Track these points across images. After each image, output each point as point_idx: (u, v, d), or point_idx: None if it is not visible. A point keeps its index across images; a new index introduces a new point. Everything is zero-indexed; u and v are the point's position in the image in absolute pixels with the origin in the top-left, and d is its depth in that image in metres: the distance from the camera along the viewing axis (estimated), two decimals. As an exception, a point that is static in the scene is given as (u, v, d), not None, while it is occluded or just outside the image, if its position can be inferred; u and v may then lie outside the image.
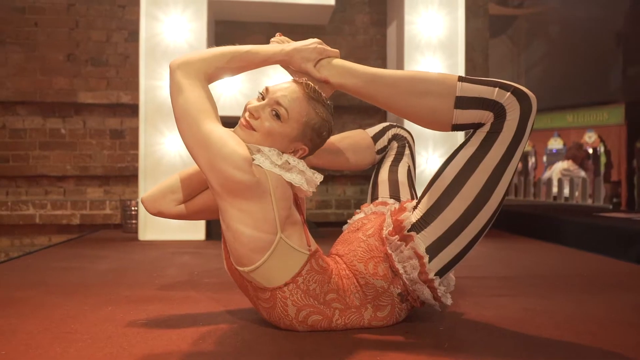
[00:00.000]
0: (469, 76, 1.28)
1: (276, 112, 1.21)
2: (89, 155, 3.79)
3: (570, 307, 1.55)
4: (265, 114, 1.22)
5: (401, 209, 1.32)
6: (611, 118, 10.95)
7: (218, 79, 1.27)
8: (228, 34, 3.85)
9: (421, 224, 1.27)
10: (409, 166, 1.65)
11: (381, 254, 1.30)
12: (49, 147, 3.76)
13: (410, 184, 1.61)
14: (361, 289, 1.29)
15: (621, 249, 2.78)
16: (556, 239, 3.26)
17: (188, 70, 1.17)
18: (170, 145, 3.11)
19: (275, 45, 1.32)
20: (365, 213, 1.55)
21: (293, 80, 1.28)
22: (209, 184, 1.18)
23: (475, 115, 1.23)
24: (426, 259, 1.26)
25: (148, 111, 3.12)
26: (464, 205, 1.24)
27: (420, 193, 1.34)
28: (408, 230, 1.28)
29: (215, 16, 3.63)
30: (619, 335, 1.28)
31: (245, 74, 3.16)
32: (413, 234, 1.27)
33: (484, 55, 4.06)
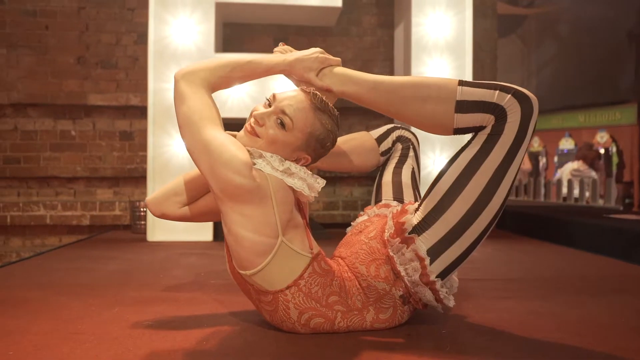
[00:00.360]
0: (469, 80, 1.29)
1: (281, 121, 1.23)
2: (99, 156, 3.84)
3: (574, 310, 1.54)
4: (270, 121, 1.24)
5: (403, 212, 1.33)
6: (623, 118, 10.85)
7: (221, 89, 1.29)
8: (236, 36, 3.87)
9: (422, 226, 1.28)
10: (413, 168, 1.65)
11: (383, 256, 1.31)
12: (59, 149, 3.81)
13: (414, 186, 1.61)
14: (363, 292, 1.30)
15: (631, 251, 2.76)
16: (564, 241, 3.24)
17: (191, 80, 1.21)
18: (178, 147, 3.14)
19: (278, 55, 1.34)
20: (368, 215, 1.55)
21: (300, 89, 1.29)
22: (211, 188, 1.19)
23: (477, 118, 1.23)
24: (427, 261, 1.27)
25: (156, 113, 3.16)
26: (465, 207, 1.24)
27: (423, 194, 1.35)
28: (409, 233, 1.28)
29: (223, 18, 3.66)
30: (622, 338, 1.28)
31: (254, 81, 3.18)
32: (414, 236, 1.28)
33: (492, 55, 4.04)
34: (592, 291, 1.83)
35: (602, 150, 11.00)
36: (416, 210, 1.31)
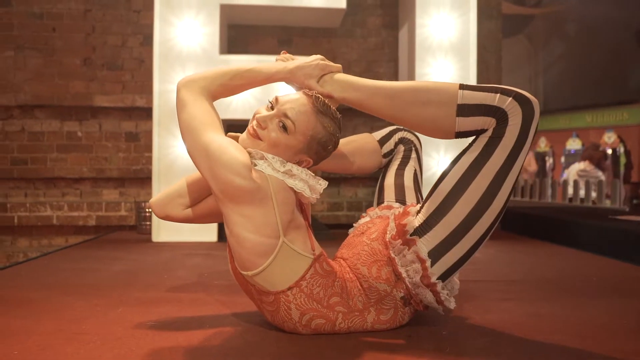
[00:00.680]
0: (470, 84, 1.29)
1: (283, 124, 1.24)
2: (105, 157, 3.87)
3: (576, 312, 1.54)
4: (272, 124, 1.25)
5: (405, 213, 1.34)
6: (631, 118, 10.78)
7: (223, 97, 1.32)
8: (241, 38, 3.89)
9: (424, 228, 1.29)
10: (416, 170, 1.66)
11: (384, 257, 1.32)
12: (66, 150, 3.84)
13: (416, 188, 1.62)
14: (364, 293, 1.31)
15: (636, 252, 2.75)
16: (568, 242, 3.23)
17: (192, 88, 1.24)
18: (183, 148, 3.16)
19: (279, 64, 1.35)
20: (370, 217, 1.56)
21: (303, 92, 1.30)
22: (212, 190, 1.21)
23: (478, 122, 1.24)
24: (428, 263, 1.27)
25: (161, 115, 3.18)
26: (467, 209, 1.25)
27: (425, 196, 1.35)
28: (411, 234, 1.29)
29: (227, 20, 3.67)
30: (622, 340, 1.28)
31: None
32: (415, 238, 1.28)
33: (497, 56, 4.04)
34: (594, 293, 1.83)
35: (610, 151, 10.93)
36: (418, 212, 1.32)
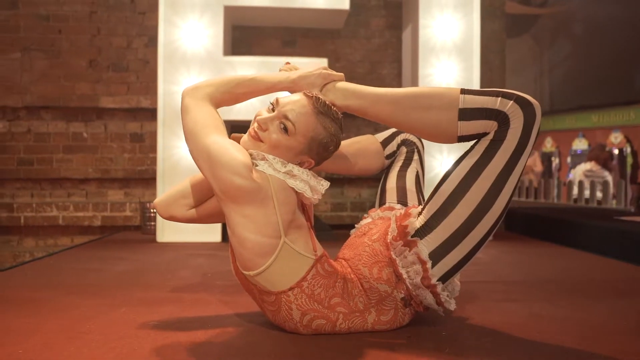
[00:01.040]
0: (471, 88, 1.30)
1: (284, 126, 1.25)
2: (110, 158, 3.89)
3: (577, 313, 1.54)
4: (273, 126, 1.26)
5: (406, 215, 1.34)
6: (638, 118, 10.71)
7: (226, 105, 1.34)
8: (245, 39, 3.91)
9: (425, 229, 1.29)
10: (418, 171, 1.66)
11: (385, 258, 1.33)
12: (71, 151, 3.87)
13: (418, 190, 1.62)
14: (365, 293, 1.31)
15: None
16: (573, 243, 3.22)
17: (195, 94, 1.28)
18: (187, 148, 3.16)
19: (282, 73, 1.37)
20: (372, 218, 1.57)
21: (303, 93, 1.31)
22: (214, 191, 1.22)
23: (480, 125, 1.24)
24: (429, 265, 1.28)
25: (166, 115, 3.20)
26: (468, 211, 1.26)
27: (426, 198, 1.36)
28: (412, 236, 1.30)
29: (232, 21, 3.69)
30: (623, 341, 1.28)
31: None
32: (417, 239, 1.29)
33: (501, 57, 4.03)
34: (597, 294, 1.83)
35: (616, 151, 10.87)
36: (419, 213, 1.32)
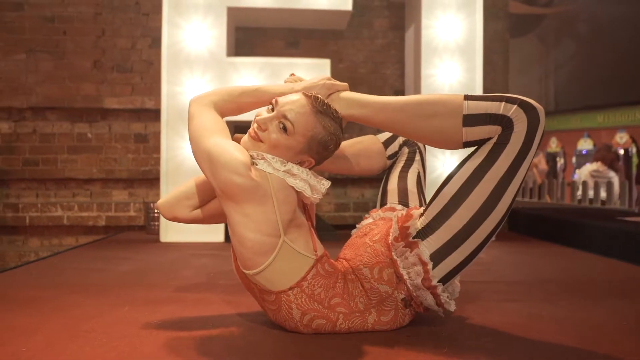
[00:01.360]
0: (474, 94, 1.31)
1: (283, 125, 1.26)
2: (115, 159, 3.92)
3: (577, 313, 1.55)
4: (272, 126, 1.27)
5: (408, 216, 1.35)
6: (643, 118, 10.66)
7: (231, 114, 1.37)
8: (248, 40, 3.92)
9: (427, 231, 1.30)
10: (419, 172, 1.67)
11: (386, 259, 1.33)
12: (76, 151, 3.90)
13: (419, 191, 1.63)
14: (366, 294, 1.32)
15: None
16: (576, 244, 3.21)
17: (201, 102, 1.33)
18: (190, 149, 3.18)
19: (286, 85, 1.39)
20: (373, 218, 1.58)
21: (302, 93, 1.32)
22: (215, 191, 1.24)
23: (484, 130, 1.25)
24: (430, 266, 1.29)
25: (170, 116, 3.21)
26: (469, 214, 1.26)
27: (429, 199, 1.37)
28: (413, 237, 1.31)
29: (235, 22, 3.70)
30: (622, 341, 1.28)
31: (266, 80, 3.23)
32: (418, 240, 1.30)
33: (504, 57, 4.03)
34: (597, 294, 1.83)
35: (622, 151, 10.82)
36: (421, 215, 1.33)
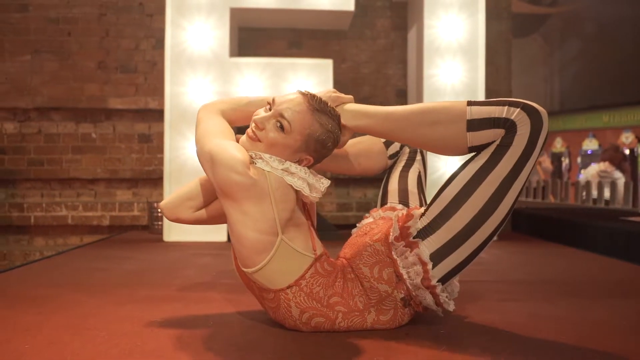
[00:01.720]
0: (477, 100, 1.31)
1: (280, 124, 1.27)
2: (119, 159, 3.94)
3: (577, 313, 1.55)
4: (269, 125, 1.28)
5: (408, 216, 1.35)
6: (649, 118, 10.61)
7: (237, 123, 1.40)
8: (251, 40, 3.94)
9: (427, 231, 1.31)
10: (420, 172, 1.67)
11: (386, 258, 1.34)
12: (80, 151, 3.93)
13: (420, 191, 1.63)
14: (365, 293, 1.33)
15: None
16: (578, 244, 3.21)
17: (208, 109, 1.38)
18: (194, 149, 3.19)
19: None
20: (373, 218, 1.59)
21: (299, 91, 1.34)
22: (216, 191, 1.25)
23: (489, 134, 1.25)
24: (430, 266, 1.29)
25: (173, 117, 3.23)
26: (470, 215, 1.27)
27: (430, 200, 1.37)
28: (414, 237, 1.31)
29: (238, 23, 3.72)
30: (620, 340, 1.28)
31: (268, 80, 3.25)
32: (418, 240, 1.30)
33: (507, 57, 4.03)
34: (598, 294, 1.83)
35: (627, 151, 10.78)
36: (422, 215, 1.34)
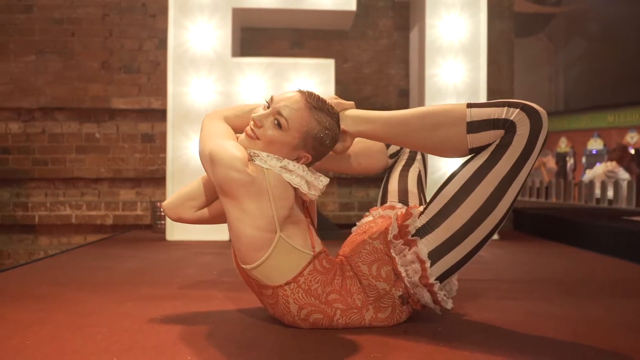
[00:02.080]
0: (476, 102, 1.32)
1: (278, 122, 1.29)
2: (122, 158, 3.97)
3: (576, 311, 1.55)
4: (267, 122, 1.30)
5: (407, 214, 1.36)
6: (654, 117, 10.58)
7: (239, 130, 1.41)
8: (254, 40, 3.95)
9: (426, 229, 1.32)
10: (420, 171, 1.68)
11: (385, 256, 1.35)
12: (84, 151, 3.95)
13: (419, 190, 1.64)
14: (363, 290, 1.34)
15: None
16: (581, 243, 3.21)
17: (212, 116, 1.41)
18: (196, 149, 3.23)
19: None
20: (373, 216, 1.60)
21: (298, 90, 1.35)
22: (216, 190, 1.27)
23: (489, 135, 1.26)
24: (428, 264, 1.30)
25: (175, 116, 3.25)
26: (469, 214, 1.27)
27: (429, 198, 1.38)
28: (412, 235, 1.32)
29: (240, 23, 3.74)
30: (617, 338, 1.29)
31: (270, 80, 3.26)
32: (417, 238, 1.31)
33: (510, 57, 4.02)
34: (597, 293, 1.83)
35: (633, 151, 10.74)
36: (421, 213, 1.35)
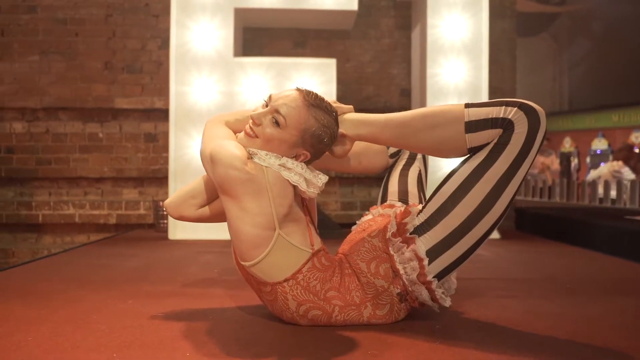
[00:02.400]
0: (474, 102, 1.32)
1: (276, 120, 1.30)
2: (125, 158, 3.98)
3: (575, 310, 1.56)
4: (266, 121, 1.31)
5: (406, 212, 1.37)
6: (659, 117, 10.52)
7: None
8: (256, 40, 3.97)
9: (424, 227, 1.32)
10: (420, 170, 1.69)
11: (383, 254, 1.36)
12: (87, 151, 3.97)
13: (419, 190, 1.65)
14: (362, 288, 1.35)
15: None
16: (582, 243, 3.21)
17: (213, 121, 1.43)
18: (198, 148, 3.24)
19: None
20: (373, 215, 1.61)
21: (296, 88, 1.36)
22: (217, 189, 1.29)
23: (488, 135, 1.26)
24: (426, 262, 1.31)
25: (178, 116, 3.27)
26: (467, 212, 1.28)
27: (428, 197, 1.39)
28: (411, 233, 1.33)
29: (242, 23, 3.75)
30: (615, 337, 1.29)
31: (273, 80, 3.27)
32: (415, 236, 1.32)
33: (512, 56, 4.02)
34: (597, 292, 1.83)
35: (638, 150, 10.70)
36: (420, 212, 1.36)
